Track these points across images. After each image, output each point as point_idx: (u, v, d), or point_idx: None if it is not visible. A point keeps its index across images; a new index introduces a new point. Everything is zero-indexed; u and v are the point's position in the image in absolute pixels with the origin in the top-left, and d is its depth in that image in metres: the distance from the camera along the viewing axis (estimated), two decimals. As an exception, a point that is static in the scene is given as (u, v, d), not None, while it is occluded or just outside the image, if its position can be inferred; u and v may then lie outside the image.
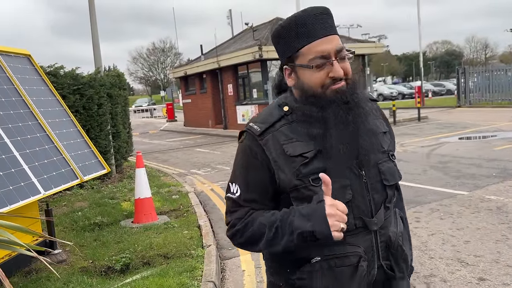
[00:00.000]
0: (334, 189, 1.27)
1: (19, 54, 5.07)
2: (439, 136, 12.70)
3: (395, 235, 1.41)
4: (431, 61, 79.99)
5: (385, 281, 1.42)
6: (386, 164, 1.42)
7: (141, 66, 75.96)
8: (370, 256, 1.36)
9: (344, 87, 1.33)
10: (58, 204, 7.19)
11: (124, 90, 10.44)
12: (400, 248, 1.41)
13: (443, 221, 5.19)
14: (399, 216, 1.50)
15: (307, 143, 1.33)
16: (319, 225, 1.23)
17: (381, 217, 1.38)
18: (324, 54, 1.31)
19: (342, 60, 1.35)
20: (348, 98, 1.32)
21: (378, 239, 1.37)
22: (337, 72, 1.31)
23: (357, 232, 1.34)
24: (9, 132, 4.11)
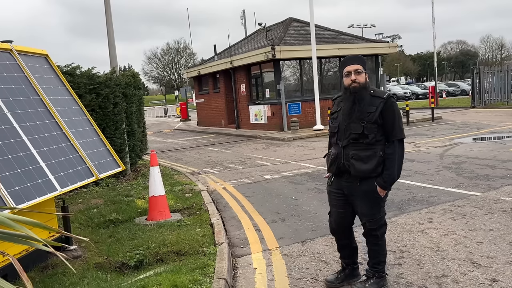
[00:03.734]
0: (333, 126, 3.51)
1: (36, 54, 5.19)
2: (453, 136, 12.57)
3: (351, 154, 3.34)
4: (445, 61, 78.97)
5: (349, 174, 3.41)
6: (354, 124, 3.32)
7: (156, 66, 76.61)
8: (339, 156, 3.41)
9: (357, 86, 3.35)
10: (74, 201, 7.32)
11: (139, 90, 10.57)
12: (350, 160, 3.35)
13: (456, 222, 5.16)
14: (374, 152, 3.32)
15: (336, 107, 3.54)
16: None
17: (345, 143, 3.37)
18: (349, 71, 3.38)
19: (358, 74, 3.36)
20: (356, 91, 3.34)
21: (343, 151, 3.39)
22: (352, 77, 3.36)
23: (336, 145, 3.47)
24: (27, 130, 4.22)
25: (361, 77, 3.31)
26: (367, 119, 3.24)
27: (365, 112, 3.25)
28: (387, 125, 3.27)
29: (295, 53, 17.77)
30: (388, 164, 3.28)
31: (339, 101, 3.49)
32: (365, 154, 3.27)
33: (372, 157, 3.26)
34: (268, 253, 4.67)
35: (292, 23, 20.85)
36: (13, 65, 4.60)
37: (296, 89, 18.88)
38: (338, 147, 3.38)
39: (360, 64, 3.35)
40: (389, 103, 3.27)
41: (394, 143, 3.30)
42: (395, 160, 3.28)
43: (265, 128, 18.82)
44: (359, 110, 3.24)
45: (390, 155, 3.28)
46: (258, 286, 3.89)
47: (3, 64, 4.46)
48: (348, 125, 3.30)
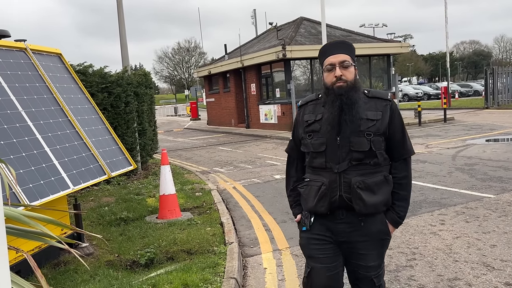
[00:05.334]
0: (317, 143, 2.31)
1: (50, 53, 5.24)
2: (466, 137, 12.43)
3: (355, 181, 2.23)
4: (458, 61, 78.17)
5: (351, 210, 2.26)
6: (357, 138, 2.24)
7: (167, 65, 76.98)
8: (333, 186, 2.26)
9: (343, 86, 2.25)
10: (86, 199, 7.38)
11: (150, 89, 10.62)
12: (355, 191, 2.22)
13: (469, 224, 5.09)
14: (384, 177, 2.29)
15: (314, 115, 2.36)
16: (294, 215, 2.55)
17: (343, 166, 2.25)
18: (331, 63, 2.29)
19: (344, 69, 2.27)
20: (342, 92, 2.24)
21: (342, 179, 2.26)
22: (336, 73, 2.26)
23: (326, 170, 2.29)
24: (40, 128, 4.26)
25: (348, 72, 2.26)
26: (374, 129, 2.23)
27: (366, 120, 2.24)
28: (396, 138, 2.31)
29: (306, 52, 17.71)
30: (402, 192, 2.34)
31: (316, 107, 2.38)
32: (373, 181, 2.23)
33: (383, 184, 2.27)
34: (278, 253, 4.66)
35: (303, 23, 20.80)
36: (27, 64, 4.65)
37: (306, 89, 18.83)
38: (329, 174, 2.26)
39: (347, 53, 2.29)
40: (394, 107, 2.34)
41: (406, 163, 2.36)
42: (410, 186, 2.38)
43: (275, 128, 18.80)
44: (351, 119, 2.21)
45: (403, 180, 2.34)
46: (269, 286, 3.89)
47: (17, 63, 4.51)
48: (345, 140, 2.23)
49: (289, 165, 2.58)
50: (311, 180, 2.35)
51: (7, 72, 4.28)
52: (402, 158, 2.35)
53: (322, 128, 2.29)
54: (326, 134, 2.27)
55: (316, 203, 2.29)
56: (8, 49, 4.51)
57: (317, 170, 2.33)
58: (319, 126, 2.31)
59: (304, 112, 2.42)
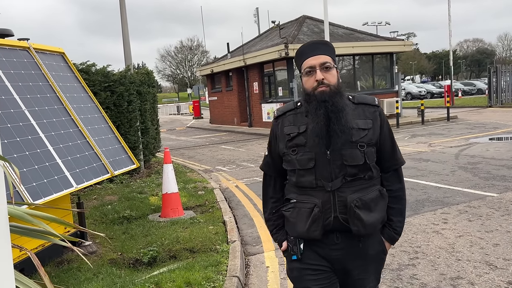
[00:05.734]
0: (303, 159, 2.00)
1: (53, 52, 5.26)
2: (469, 136, 12.40)
3: (352, 199, 1.96)
4: (461, 59, 77.93)
5: (347, 232, 1.99)
6: (350, 150, 1.97)
7: (169, 64, 77.05)
8: (327, 207, 1.97)
9: (326, 90, 1.96)
10: (89, 197, 7.41)
11: (153, 88, 10.64)
12: (352, 210, 1.95)
13: (472, 223, 5.09)
14: (379, 191, 2.05)
15: (296, 127, 2.04)
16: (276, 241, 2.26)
17: (337, 184, 1.97)
18: (311, 66, 2.00)
19: (326, 71, 1.99)
20: (326, 98, 1.94)
21: (336, 198, 1.97)
22: (317, 76, 1.97)
23: (317, 189, 1.99)
24: (44, 127, 4.28)
25: (331, 75, 2.00)
26: (366, 139, 1.99)
27: (358, 130, 1.99)
28: (386, 147, 2.10)
29: (309, 51, 17.67)
30: (397, 206, 2.12)
31: (296, 117, 2.08)
32: (370, 197, 2.00)
33: (379, 200, 2.04)
34: (281, 252, 4.66)
35: (306, 21, 20.78)
36: (30, 63, 4.67)
37: (309, 88, 18.80)
38: (321, 193, 1.98)
39: (327, 54, 2.03)
40: (383, 113, 2.11)
41: (398, 174, 2.16)
42: (404, 199, 2.16)
43: (277, 127, 18.76)
44: (341, 129, 1.94)
45: (398, 192, 2.13)
46: (271, 284, 3.90)
47: (21, 62, 4.53)
48: (337, 154, 1.97)
49: (265, 184, 2.25)
50: (299, 202, 2.03)
51: (10, 71, 4.29)
52: (393, 169, 2.13)
53: (309, 141, 1.98)
54: (314, 148, 1.96)
55: (308, 228, 1.98)
56: (12, 48, 4.53)
57: (305, 189, 2.02)
58: (305, 139, 1.99)
59: (283, 124, 2.09)
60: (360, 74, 19.80)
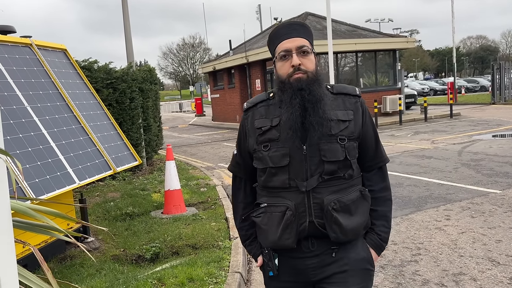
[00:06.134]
0: (277, 156, 1.74)
1: (55, 48, 5.26)
2: (472, 133, 12.36)
3: (329, 201, 1.71)
4: (464, 56, 77.65)
5: (324, 238, 1.73)
6: (329, 145, 1.72)
7: (171, 62, 77.04)
8: (301, 210, 1.72)
9: (303, 77, 1.72)
10: (91, 194, 7.43)
11: (155, 85, 10.64)
12: (329, 213, 1.70)
13: (474, 219, 5.08)
14: (360, 192, 1.79)
15: (269, 120, 1.79)
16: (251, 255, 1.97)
17: (312, 183, 1.71)
18: (287, 49, 1.75)
19: (303, 55, 1.75)
20: (303, 86, 1.71)
21: (311, 200, 1.71)
22: (294, 61, 1.73)
23: (290, 190, 1.74)
24: (46, 123, 4.29)
25: (308, 60, 1.76)
26: (347, 132, 1.75)
27: (337, 121, 1.75)
28: (369, 142, 1.85)
29: (311, 48, 17.64)
30: (381, 209, 1.86)
31: (269, 109, 1.83)
32: (350, 199, 1.74)
33: (361, 202, 1.78)
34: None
35: (308, 18, 20.73)
36: (32, 59, 4.67)
37: (311, 85, 18.78)
38: (294, 194, 1.72)
39: (305, 37, 1.78)
40: (364, 105, 1.87)
41: (382, 172, 1.90)
42: (390, 200, 1.91)
43: (280, 124, 18.77)
44: (318, 121, 1.70)
45: (381, 193, 1.87)
46: (273, 280, 3.90)
47: (23, 58, 4.54)
48: (314, 148, 1.71)
49: (235, 187, 1.99)
50: (269, 206, 1.77)
51: (12, 67, 4.30)
52: (377, 167, 1.88)
53: (282, 135, 1.72)
54: (288, 142, 1.71)
55: (280, 235, 1.72)
56: (14, 44, 4.53)
57: (276, 191, 1.75)
58: (278, 133, 1.74)
59: (253, 117, 1.83)
60: (362, 71, 19.75)
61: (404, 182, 7.04)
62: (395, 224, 5.03)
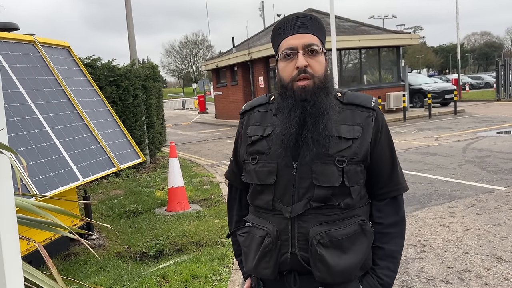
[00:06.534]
0: (263, 172, 1.50)
1: (59, 46, 5.26)
2: (476, 130, 12.30)
3: (315, 233, 1.42)
4: (469, 53, 77.32)
5: (309, 274, 1.45)
6: (323, 166, 1.43)
7: (174, 59, 77.03)
8: (283, 239, 1.47)
9: (308, 86, 1.44)
10: (95, 191, 7.44)
11: (158, 82, 10.64)
12: (314, 248, 1.42)
13: (479, 216, 5.05)
14: (360, 225, 1.47)
15: (262, 128, 1.55)
16: None
17: (298, 209, 1.44)
18: (292, 47, 1.46)
19: (311, 56, 1.46)
20: (307, 96, 1.43)
21: (296, 229, 1.45)
22: (299, 62, 1.44)
23: (274, 213, 1.50)
24: (50, 121, 4.29)
25: (317, 63, 1.47)
26: (349, 153, 1.45)
27: (338, 140, 1.45)
28: (383, 166, 1.52)
29: (314, 45, 17.58)
30: (388, 247, 1.52)
31: (265, 115, 1.58)
32: (343, 233, 1.44)
33: (358, 238, 1.47)
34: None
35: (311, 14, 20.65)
36: (36, 57, 4.67)
37: (315, 82, 18.73)
38: (278, 219, 1.49)
39: (315, 33, 1.49)
40: (381, 119, 1.52)
41: (397, 203, 1.55)
42: (402, 238, 1.56)
43: (283, 121, 18.74)
44: (315, 138, 1.42)
45: (392, 228, 1.53)
46: (277, 277, 3.89)
47: (26, 56, 4.54)
48: (305, 169, 1.45)
49: (230, 197, 1.79)
50: (253, 226, 1.55)
51: (16, 65, 4.30)
52: (390, 196, 1.53)
53: (272, 148, 1.47)
54: (277, 158, 1.46)
55: (257, 262, 1.50)
56: (17, 42, 4.53)
57: (261, 211, 1.53)
58: (268, 145, 1.49)
59: (248, 123, 1.61)
60: (366, 67, 19.68)
61: (408, 179, 7.02)
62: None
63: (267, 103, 1.60)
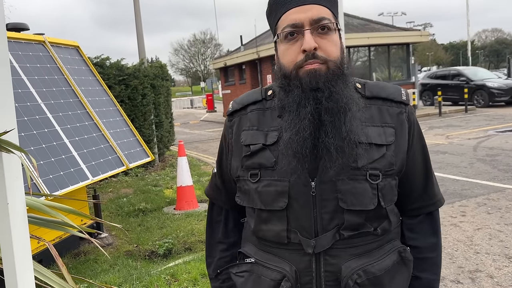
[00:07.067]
0: (269, 193, 1.12)
1: (68, 45, 5.29)
2: (487, 128, 12.17)
3: (349, 271, 1.10)
4: (479, 50, 76.53)
5: None
6: (352, 184, 1.09)
7: (182, 58, 77.29)
8: (305, 281, 1.12)
9: (321, 70, 1.07)
10: (104, 190, 7.49)
11: (166, 81, 10.67)
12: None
13: (490, 215, 5.00)
14: (399, 254, 1.18)
15: (262, 134, 1.17)
16: None
17: (325, 242, 1.10)
18: (296, 23, 1.08)
19: (322, 34, 1.09)
20: (320, 84, 1.06)
21: (322, 266, 1.11)
22: (306, 43, 1.05)
23: (289, 248, 1.14)
24: (60, 120, 4.32)
25: (330, 42, 1.10)
26: (383, 165, 1.12)
27: (368, 146, 1.10)
28: (416, 175, 1.23)
29: (323, 43, 17.52)
30: (427, 277, 1.26)
31: (264, 116, 1.22)
32: (381, 266, 1.14)
33: (399, 270, 1.19)
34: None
35: None
36: (46, 56, 4.70)
37: (323, 80, 18.66)
38: (297, 256, 1.13)
39: (325, 4, 1.12)
40: (413, 116, 1.20)
41: (433, 220, 1.30)
42: (440, 264, 1.31)
43: (291, 119, 18.71)
44: (339, 145, 1.07)
45: (430, 252, 1.27)
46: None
47: (36, 56, 4.57)
48: (328, 188, 1.10)
49: (212, 219, 1.42)
50: (259, 264, 1.19)
51: (26, 64, 4.33)
52: (425, 212, 1.26)
53: (280, 161, 1.11)
54: (288, 174, 1.10)
55: None
56: (27, 42, 4.57)
57: (270, 245, 1.18)
58: (274, 157, 1.13)
59: (240, 126, 1.23)
60: (375, 65, 19.57)
61: (418, 178, 6.96)
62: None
63: (264, 100, 1.23)
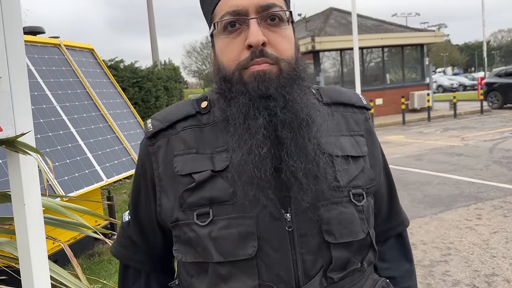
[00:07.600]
0: (230, 237, 0.81)
1: (83, 48, 5.36)
2: (504, 130, 11.97)
3: None
4: (495, 50, 75.43)
5: None
6: (337, 208, 0.85)
7: (195, 60, 77.71)
8: None
9: (271, 72, 0.82)
10: (118, 191, 7.56)
11: (179, 83, 10.75)
12: None
13: (507, 218, 4.91)
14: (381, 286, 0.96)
15: (207, 158, 0.86)
16: None
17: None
18: (238, 9, 0.83)
19: (271, 25, 0.85)
20: (270, 90, 0.81)
21: None
22: (252, 36, 0.81)
23: None
24: (75, 122, 4.38)
25: (282, 37, 0.85)
26: (363, 181, 0.90)
27: (344, 159, 0.87)
28: (382, 191, 1.01)
29: (336, 43, 17.46)
30: None
31: (201, 134, 0.89)
32: None
33: None
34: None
35: (333, 13, 20.50)
36: (61, 59, 4.78)
37: (335, 81, 18.59)
38: None
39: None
40: (370, 122, 1.00)
41: (403, 242, 1.09)
42: None
43: (304, 121, 18.65)
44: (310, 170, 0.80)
45: (407, 279, 1.06)
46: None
47: (52, 58, 4.64)
48: (306, 218, 0.82)
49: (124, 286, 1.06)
50: None
51: (42, 67, 4.41)
52: (394, 234, 1.08)
53: (239, 191, 0.81)
54: (250, 207, 0.81)
55: None
56: (43, 45, 4.64)
57: None
58: (230, 187, 0.83)
59: (170, 151, 0.90)
60: (389, 66, 19.42)
61: (433, 181, 6.87)
62: (424, 224, 4.92)
63: (199, 114, 0.92)
